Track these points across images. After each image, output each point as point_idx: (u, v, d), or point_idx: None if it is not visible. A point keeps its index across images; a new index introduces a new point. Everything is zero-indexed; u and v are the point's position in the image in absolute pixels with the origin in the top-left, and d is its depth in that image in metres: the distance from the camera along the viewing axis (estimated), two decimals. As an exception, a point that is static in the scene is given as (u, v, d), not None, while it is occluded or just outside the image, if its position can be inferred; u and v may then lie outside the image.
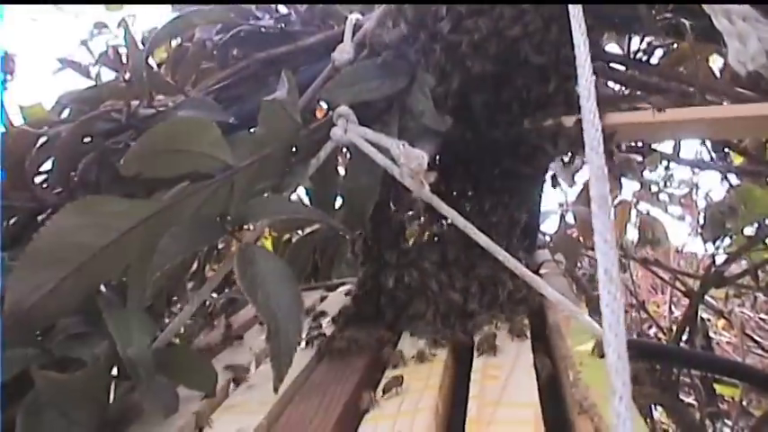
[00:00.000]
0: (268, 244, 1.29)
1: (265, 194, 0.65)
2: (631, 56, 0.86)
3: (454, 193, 0.76)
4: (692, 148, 1.67)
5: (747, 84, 0.83)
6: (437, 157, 0.73)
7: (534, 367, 0.53)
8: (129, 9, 0.99)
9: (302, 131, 0.65)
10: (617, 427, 0.26)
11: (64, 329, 0.54)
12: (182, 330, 1.18)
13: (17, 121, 0.70)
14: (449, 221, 0.63)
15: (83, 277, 0.52)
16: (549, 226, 1.28)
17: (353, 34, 0.70)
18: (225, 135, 0.65)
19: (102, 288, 0.60)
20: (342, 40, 0.70)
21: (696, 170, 1.54)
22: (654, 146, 1.13)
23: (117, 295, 0.59)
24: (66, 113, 0.68)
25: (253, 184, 0.62)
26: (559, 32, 0.69)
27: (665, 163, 1.40)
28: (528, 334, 0.59)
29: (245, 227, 0.63)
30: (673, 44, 0.94)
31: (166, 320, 0.71)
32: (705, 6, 0.44)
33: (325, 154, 0.65)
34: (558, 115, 0.71)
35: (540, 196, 0.88)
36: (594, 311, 1.22)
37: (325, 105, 0.75)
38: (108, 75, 0.87)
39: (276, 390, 0.51)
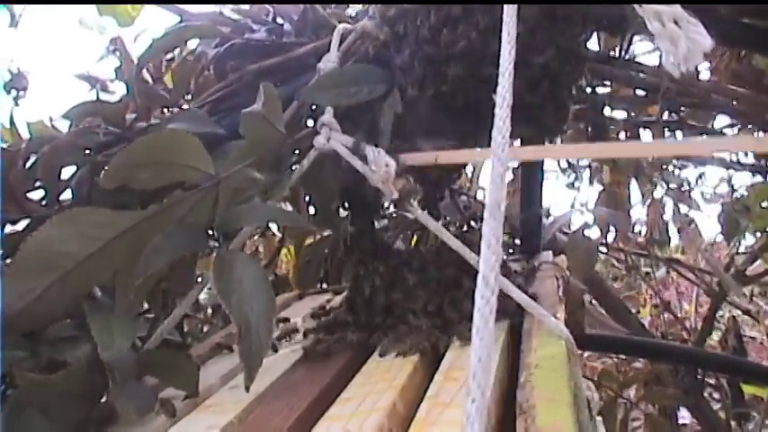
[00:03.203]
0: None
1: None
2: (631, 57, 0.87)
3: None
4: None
5: (750, 82, 0.82)
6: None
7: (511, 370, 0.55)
8: (143, 23, 1.02)
9: (288, 141, 0.67)
10: (466, 427, 0.27)
11: (54, 333, 0.58)
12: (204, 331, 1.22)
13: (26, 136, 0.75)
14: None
15: (68, 284, 0.55)
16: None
17: (340, 44, 0.72)
18: (217, 146, 0.69)
19: (99, 293, 0.64)
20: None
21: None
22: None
23: (112, 300, 0.62)
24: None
25: (238, 193, 0.65)
26: (547, 40, 0.70)
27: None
28: (501, 336, 0.60)
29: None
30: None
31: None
32: (637, 8, 0.44)
33: (308, 162, 0.67)
34: (548, 124, 0.72)
35: (540, 201, 0.89)
36: (613, 311, 1.21)
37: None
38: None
39: (247, 389, 0.54)
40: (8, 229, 0.67)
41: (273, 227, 1.32)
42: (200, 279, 0.91)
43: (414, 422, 0.46)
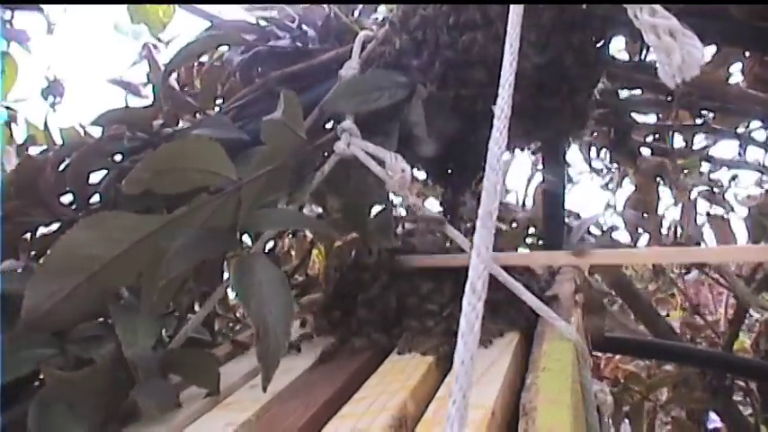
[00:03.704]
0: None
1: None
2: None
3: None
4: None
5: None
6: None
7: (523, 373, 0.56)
8: (175, 29, 1.05)
9: (308, 146, 0.69)
10: (446, 428, 0.28)
11: (82, 332, 0.61)
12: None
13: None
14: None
15: (95, 286, 0.58)
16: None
17: (362, 51, 0.74)
18: (241, 151, 0.71)
19: (126, 293, 0.66)
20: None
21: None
22: (695, 147, 1.12)
23: (138, 300, 0.64)
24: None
25: (261, 197, 0.67)
26: (563, 44, 0.70)
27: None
28: (514, 340, 0.61)
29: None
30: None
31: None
32: (634, 21, 0.45)
33: (329, 167, 0.68)
34: (566, 128, 0.73)
35: (563, 203, 0.90)
36: (641, 314, 1.21)
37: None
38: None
39: (265, 390, 0.56)
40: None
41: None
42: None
43: (420, 422, 0.47)
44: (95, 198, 0.70)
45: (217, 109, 0.81)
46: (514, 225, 1.15)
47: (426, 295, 0.68)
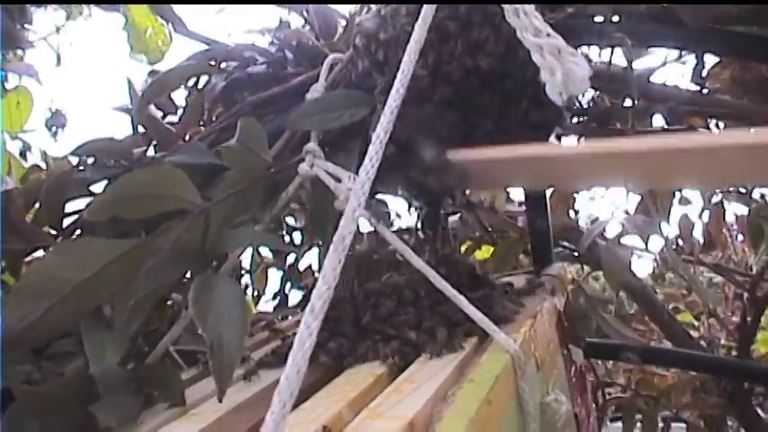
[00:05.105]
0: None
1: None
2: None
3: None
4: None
5: (755, 89, 0.81)
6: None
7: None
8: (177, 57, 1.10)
9: (274, 168, 0.72)
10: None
11: (56, 349, 0.65)
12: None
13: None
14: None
15: (66, 306, 0.62)
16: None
17: (329, 73, 0.77)
18: (216, 175, 0.75)
19: (108, 309, 0.70)
20: (322, 80, 0.77)
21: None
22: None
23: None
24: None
25: (230, 218, 0.70)
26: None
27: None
28: (464, 351, 0.62)
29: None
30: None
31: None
32: (523, 40, 0.47)
33: (293, 188, 0.72)
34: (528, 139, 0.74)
35: (546, 213, 0.91)
36: (656, 318, 1.19)
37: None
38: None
39: (220, 400, 0.59)
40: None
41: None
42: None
43: (346, 429, 0.49)
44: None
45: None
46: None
47: (388, 311, 0.70)
